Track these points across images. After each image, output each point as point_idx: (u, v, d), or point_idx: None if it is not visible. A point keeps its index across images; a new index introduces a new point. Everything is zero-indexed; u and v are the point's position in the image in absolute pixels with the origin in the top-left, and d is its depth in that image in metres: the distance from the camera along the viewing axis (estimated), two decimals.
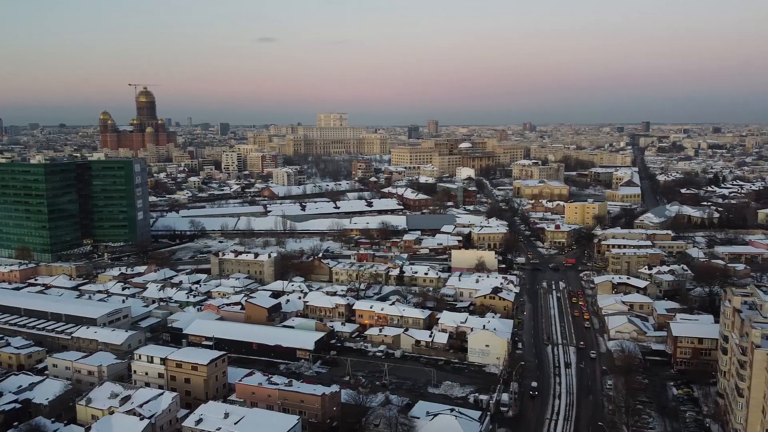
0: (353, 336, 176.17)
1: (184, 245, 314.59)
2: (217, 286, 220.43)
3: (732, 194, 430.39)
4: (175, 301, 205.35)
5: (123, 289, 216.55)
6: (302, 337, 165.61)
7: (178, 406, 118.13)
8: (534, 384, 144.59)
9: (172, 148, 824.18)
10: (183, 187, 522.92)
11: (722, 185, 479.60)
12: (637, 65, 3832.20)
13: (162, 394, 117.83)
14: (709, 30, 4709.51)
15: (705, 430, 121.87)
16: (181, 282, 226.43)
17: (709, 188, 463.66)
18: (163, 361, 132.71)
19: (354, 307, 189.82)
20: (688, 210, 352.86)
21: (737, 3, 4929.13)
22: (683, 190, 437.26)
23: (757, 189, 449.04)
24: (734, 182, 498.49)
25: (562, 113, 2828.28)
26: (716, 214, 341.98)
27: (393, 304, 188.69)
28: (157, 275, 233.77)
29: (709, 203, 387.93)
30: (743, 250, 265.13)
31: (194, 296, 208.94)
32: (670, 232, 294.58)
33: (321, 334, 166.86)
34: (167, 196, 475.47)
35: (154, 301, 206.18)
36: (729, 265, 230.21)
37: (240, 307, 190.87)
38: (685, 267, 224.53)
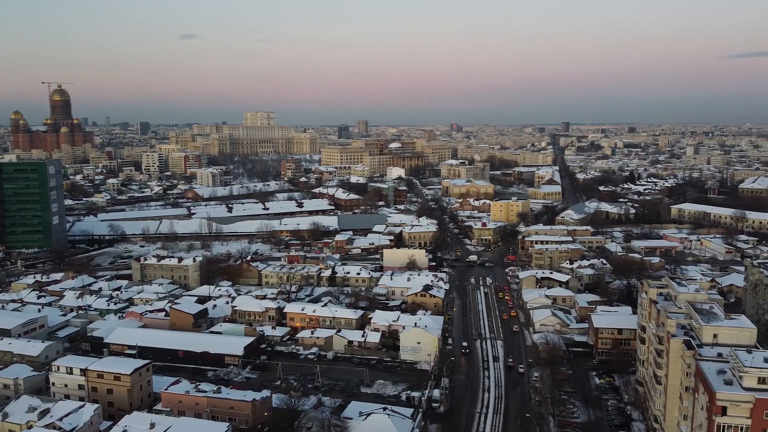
0: (284, 339, 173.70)
1: (103, 250, 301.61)
2: (139, 293, 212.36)
3: (647, 191, 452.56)
4: (95, 309, 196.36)
5: (38, 297, 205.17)
6: (231, 342, 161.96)
7: (101, 418, 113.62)
8: (464, 344, 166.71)
9: (89, 148, 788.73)
10: (101, 190, 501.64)
11: (637, 182, 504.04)
12: (557, 68, 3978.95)
13: (83, 406, 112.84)
14: (622, 33, 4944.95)
15: (626, 417, 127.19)
16: (100, 289, 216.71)
17: (626, 185, 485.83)
18: (84, 371, 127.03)
19: (285, 310, 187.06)
20: (606, 206, 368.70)
21: (648, 6, 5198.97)
22: (601, 188, 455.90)
23: (670, 186, 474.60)
24: (648, 179, 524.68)
25: (486, 114, 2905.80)
26: (632, 210, 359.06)
27: (325, 305, 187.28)
28: (75, 282, 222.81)
29: (626, 200, 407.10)
30: (658, 244, 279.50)
31: (115, 303, 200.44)
32: (589, 227, 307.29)
33: (250, 339, 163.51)
34: (84, 199, 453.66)
35: (72, 310, 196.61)
36: (645, 258, 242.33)
37: (164, 313, 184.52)
38: (604, 261, 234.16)
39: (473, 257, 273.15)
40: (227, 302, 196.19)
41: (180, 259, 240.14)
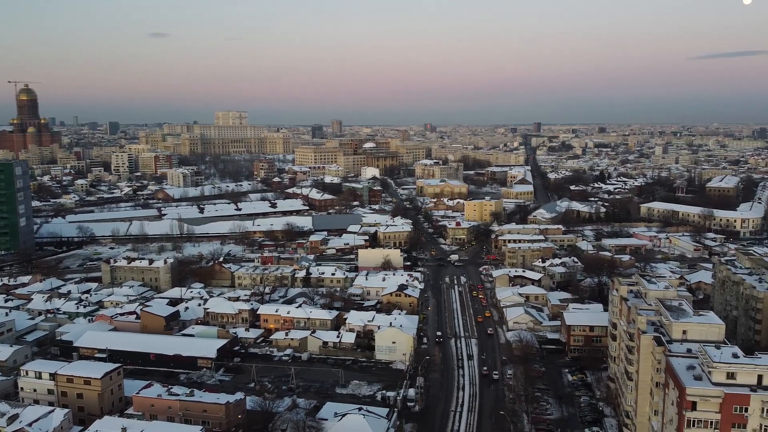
0: (258, 341, 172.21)
1: (71, 253, 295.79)
2: (109, 295, 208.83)
3: (617, 190, 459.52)
4: (64, 313, 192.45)
5: (6, 301, 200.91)
6: (203, 345, 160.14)
7: (71, 423, 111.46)
8: (438, 333, 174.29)
9: (57, 149, 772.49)
10: (69, 191, 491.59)
11: (608, 182, 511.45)
12: (529, 69, 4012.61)
13: (53, 411, 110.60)
14: (592, 36, 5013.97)
15: (598, 413, 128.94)
16: (69, 292, 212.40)
17: (596, 185, 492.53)
18: (53, 376, 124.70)
19: (258, 312, 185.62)
20: (577, 205, 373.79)
21: (616, 9, 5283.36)
22: (572, 187, 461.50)
23: (640, 185, 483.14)
24: (618, 179, 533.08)
25: (460, 114, 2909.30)
26: (603, 209, 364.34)
27: (299, 306, 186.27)
28: (43, 285, 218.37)
29: (596, 199, 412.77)
30: (628, 242, 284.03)
31: (84, 306, 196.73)
32: (560, 226, 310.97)
33: (223, 341, 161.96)
34: (52, 200, 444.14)
35: (40, 313, 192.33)
36: (615, 256, 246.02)
37: (135, 316, 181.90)
38: (576, 259, 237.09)
39: (454, 257, 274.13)
40: (199, 304, 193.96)
41: (151, 261, 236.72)
